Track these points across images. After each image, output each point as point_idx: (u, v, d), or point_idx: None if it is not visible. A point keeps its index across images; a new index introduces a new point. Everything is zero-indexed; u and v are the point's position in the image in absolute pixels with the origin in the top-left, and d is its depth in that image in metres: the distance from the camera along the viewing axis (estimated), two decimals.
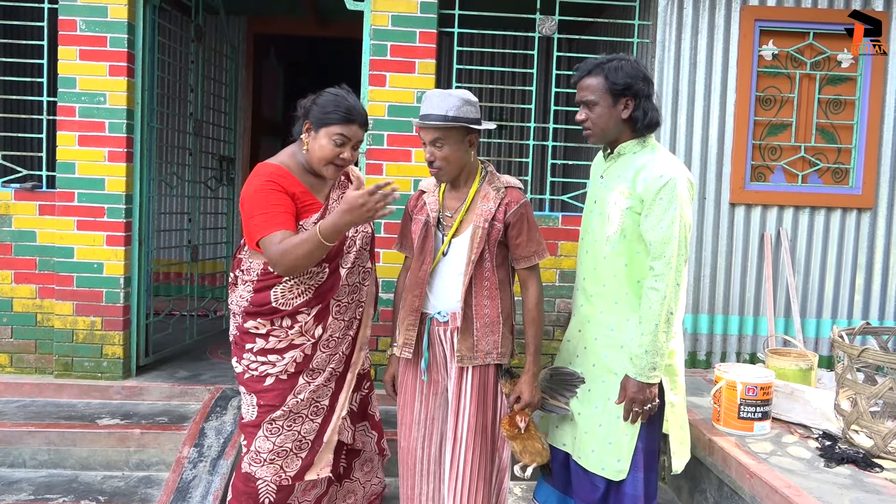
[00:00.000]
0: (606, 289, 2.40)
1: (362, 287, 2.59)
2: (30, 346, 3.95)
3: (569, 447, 2.51)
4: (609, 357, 2.39)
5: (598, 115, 2.36)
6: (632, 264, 2.35)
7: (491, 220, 2.38)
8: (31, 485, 3.22)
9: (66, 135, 3.79)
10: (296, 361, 2.44)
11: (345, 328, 2.53)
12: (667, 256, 2.24)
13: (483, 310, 2.40)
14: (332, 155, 2.37)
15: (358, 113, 2.40)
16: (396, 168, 3.85)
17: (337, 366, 2.53)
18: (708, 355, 4.23)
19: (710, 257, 4.19)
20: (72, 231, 3.81)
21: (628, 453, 2.35)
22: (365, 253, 2.58)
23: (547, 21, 4.08)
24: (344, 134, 2.36)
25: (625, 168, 2.39)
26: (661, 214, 2.25)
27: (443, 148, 2.32)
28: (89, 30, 3.76)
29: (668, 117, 4.15)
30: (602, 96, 2.34)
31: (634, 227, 2.33)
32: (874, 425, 2.80)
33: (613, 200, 2.37)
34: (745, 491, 2.72)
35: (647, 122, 2.37)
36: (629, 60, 2.36)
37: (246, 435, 2.48)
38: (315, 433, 2.50)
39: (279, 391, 2.43)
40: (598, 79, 2.34)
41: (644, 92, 2.36)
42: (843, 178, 4.26)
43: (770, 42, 4.16)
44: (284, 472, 2.45)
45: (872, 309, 4.25)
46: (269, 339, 2.42)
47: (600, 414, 2.40)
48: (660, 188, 2.26)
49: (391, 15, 3.80)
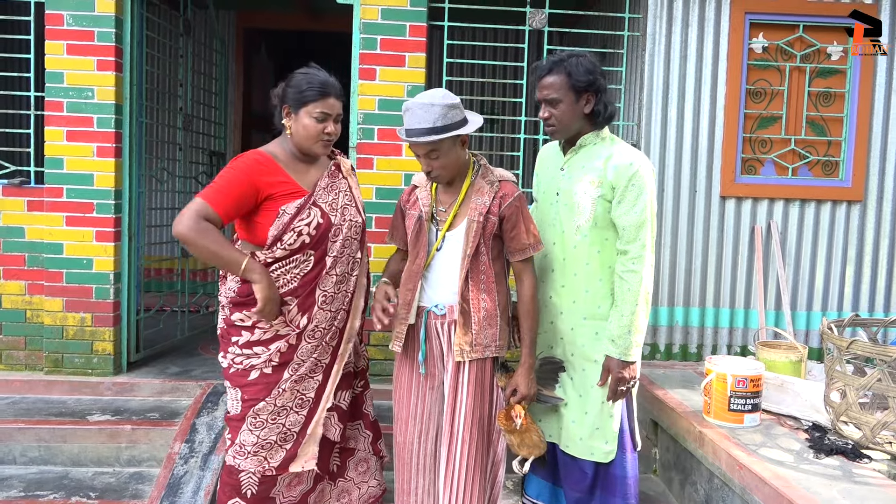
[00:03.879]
0: (577, 278, 2.48)
1: (350, 277, 2.56)
2: (19, 343, 3.93)
3: (555, 438, 2.56)
4: (586, 346, 2.48)
5: (563, 112, 2.43)
6: (603, 251, 2.45)
7: (486, 214, 2.38)
8: (22, 481, 3.21)
9: (54, 130, 3.76)
10: (280, 352, 2.42)
11: (331, 319, 2.50)
12: (641, 239, 2.36)
13: (481, 303, 2.40)
14: (317, 132, 2.41)
15: (332, 86, 2.43)
16: (387, 162, 3.84)
17: (322, 357, 2.51)
18: (699, 348, 4.24)
19: (701, 250, 4.20)
20: (61, 227, 3.78)
21: (614, 435, 2.45)
22: (354, 242, 2.55)
23: (537, 14, 4.07)
24: (324, 110, 2.40)
25: (588, 159, 2.47)
26: (633, 200, 2.37)
27: (438, 158, 2.32)
28: (76, 24, 3.72)
29: (659, 110, 4.15)
30: (565, 94, 2.40)
31: (605, 215, 2.42)
32: (863, 416, 2.82)
33: (582, 190, 2.44)
34: (735, 482, 2.74)
35: (607, 116, 2.46)
36: (586, 56, 2.43)
37: (231, 428, 2.48)
38: (300, 425, 2.49)
39: (264, 385, 2.43)
40: (561, 76, 2.40)
41: (603, 86, 2.44)
42: (832, 170, 4.27)
43: (760, 35, 4.17)
44: (268, 462, 2.44)
45: (862, 301, 4.27)
46: (254, 332, 2.41)
47: (585, 402, 2.48)
48: (631, 175, 2.37)
49: (381, 8, 3.78)
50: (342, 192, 2.53)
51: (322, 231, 2.42)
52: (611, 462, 2.45)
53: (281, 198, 2.39)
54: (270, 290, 2.34)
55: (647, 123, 4.14)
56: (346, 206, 2.52)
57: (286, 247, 2.37)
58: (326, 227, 2.44)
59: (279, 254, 2.38)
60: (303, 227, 2.38)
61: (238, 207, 2.37)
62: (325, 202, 2.46)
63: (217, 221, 2.34)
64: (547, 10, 4.05)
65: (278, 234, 2.37)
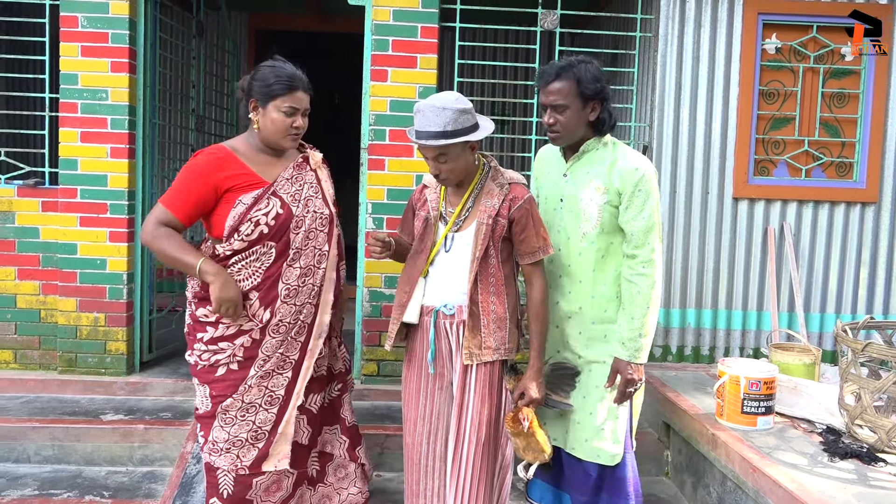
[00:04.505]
0: (583, 284, 2.47)
1: (317, 270, 2.51)
2: (34, 343, 3.96)
3: (560, 441, 2.54)
4: (594, 348, 2.47)
5: (568, 119, 2.39)
6: (608, 256, 2.44)
7: (495, 217, 2.37)
8: (36, 480, 3.23)
9: (68, 131, 3.79)
10: (244, 347, 2.42)
11: (296, 313, 2.47)
12: (650, 244, 2.36)
13: (490, 306, 2.39)
14: (285, 127, 2.41)
15: (299, 79, 2.43)
16: (399, 163, 3.84)
17: (289, 352, 2.48)
18: (711, 350, 4.22)
19: (714, 252, 4.18)
20: (75, 227, 3.81)
21: (621, 437, 2.44)
22: (320, 234, 2.51)
23: (549, 15, 4.07)
24: (292, 105, 2.40)
25: (591, 164, 2.45)
26: (640, 206, 2.35)
27: (447, 162, 2.31)
28: (91, 26, 3.75)
29: (671, 112, 4.13)
30: (573, 100, 2.36)
31: (612, 221, 2.41)
32: (878, 420, 2.79)
33: (588, 197, 2.42)
34: (749, 486, 2.72)
35: (612, 124, 2.44)
36: (593, 62, 2.40)
37: (203, 426, 2.49)
38: (272, 423, 2.47)
39: (231, 381, 2.42)
40: (569, 83, 2.36)
41: (609, 94, 2.42)
42: (846, 172, 4.24)
43: (773, 35, 4.14)
44: (241, 460, 2.43)
45: (876, 303, 4.24)
46: (217, 327, 2.42)
47: (590, 403, 2.47)
48: (637, 180, 2.36)
49: (392, 10, 3.79)
50: (308, 184, 2.51)
51: (281, 221, 2.40)
52: (616, 464, 2.44)
53: (239, 189, 2.38)
54: (224, 291, 2.33)
55: (659, 124, 4.13)
56: (310, 198, 2.49)
57: (244, 237, 2.37)
58: (287, 218, 2.41)
59: (237, 245, 2.37)
60: (260, 217, 2.37)
61: (198, 208, 2.39)
62: (287, 192, 2.44)
63: (178, 225, 2.37)
64: (559, 11, 4.05)
65: (234, 225, 2.36)
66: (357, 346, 3.98)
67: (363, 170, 3.88)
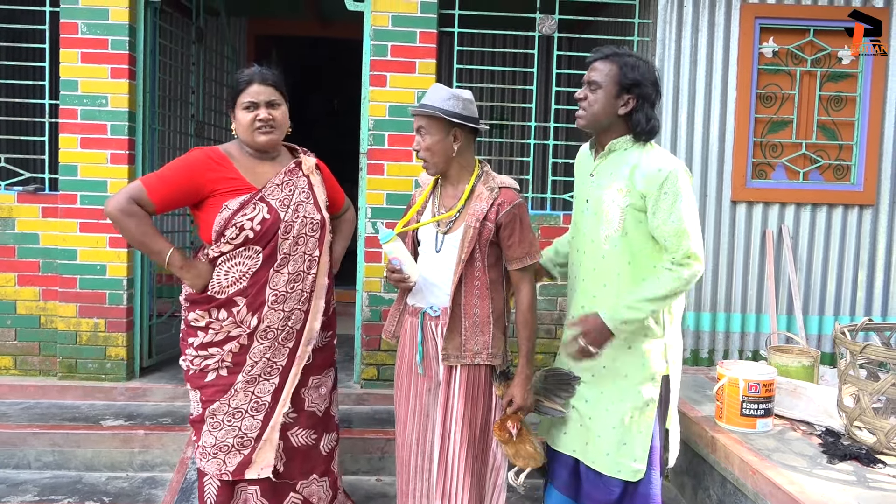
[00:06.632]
0: (608, 289, 2.36)
1: (307, 276, 2.51)
2: (34, 349, 3.97)
3: (579, 453, 2.43)
4: (619, 359, 2.35)
5: (597, 99, 2.31)
6: (635, 262, 2.32)
7: (482, 220, 2.37)
8: (37, 486, 3.23)
9: (68, 137, 3.80)
10: (232, 353, 2.44)
11: (284, 319, 2.47)
12: (684, 249, 2.23)
13: (472, 309, 2.39)
14: (249, 122, 2.44)
15: (255, 73, 2.46)
16: (398, 168, 3.85)
17: (276, 358, 2.48)
18: (710, 353, 4.23)
19: (712, 255, 4.19)
20: (75, 233, 3.82)
21: (644, 452, 2.32)
22: (311, 240, 2.51)
23: (547, 20, 4.09)
24: (250, 99, 2.43)
25: (616, 165, 2.35)
26: (668, 209, 2.23)
27: (425, 137, 2.37)
28: (91, 32, 3.77)
29: (669, 116, 4.15)
30: (608, 83, 2.30)
31: (636, 224, 2.30)
32: (877, 421, 2.80)
33: (610, 198, 2.33)
34: (749, 488, 2.72)
35: (648, 129, 2.32)
36: (647, 62, 2.33)
37: (195, 430, 2.52)
38: (257, 430, 2.48)
39: (220, 387, 2.45)
40: (613, 66, 2.30)
41: (650, 97, 2.31)
42: (844, 174, 4.26)
43: (770, 39, 4.16)
44: (225, 465, 2.45)
45: (875, 305, 4.25)
46: (207, 332, 2.44)
47: (613, 416, 2.36)
48: (662, 182, 2.23)
49: (391, 15, 3.81)
50: (299, 189, 2.51)
51: (268, 226, 2.41)
52: (639, 480, 2.32)
53: (224, 194, 2.40)
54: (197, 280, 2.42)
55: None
56: (301, 203, 2.50)
57: (229, 240, 2.40)
58: (274, 223, 2.42)
59: (224, 248, 2.41)
60: (245, 222, 2.38)
61: (174, 200, 2.42)
62: (276, 198, 2.45)
63: (150, 208, 2.39)
64: (556, 16, 4.07)
65: (220, 230, 2.39)
66: (357, 350, 3.98)
67: (362, 174, 3.89)
